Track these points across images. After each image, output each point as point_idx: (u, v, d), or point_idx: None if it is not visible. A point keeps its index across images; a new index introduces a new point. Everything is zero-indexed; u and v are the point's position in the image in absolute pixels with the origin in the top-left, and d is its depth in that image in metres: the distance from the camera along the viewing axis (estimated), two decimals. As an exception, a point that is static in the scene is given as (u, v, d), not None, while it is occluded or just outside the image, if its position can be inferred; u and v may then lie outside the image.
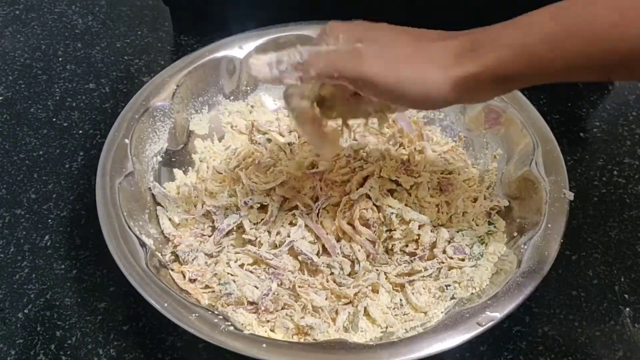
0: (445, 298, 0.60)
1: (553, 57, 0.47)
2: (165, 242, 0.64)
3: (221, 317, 0.54)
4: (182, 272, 0.61)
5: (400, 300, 0.61)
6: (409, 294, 0.60)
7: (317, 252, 0.63)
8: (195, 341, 0.54)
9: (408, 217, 0.62)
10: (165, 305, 0.53)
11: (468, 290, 0.60)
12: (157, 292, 0.54)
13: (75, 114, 0.80)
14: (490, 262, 0.62)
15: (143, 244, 0.58)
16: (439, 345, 0.51)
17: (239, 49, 0.75)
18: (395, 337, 0.54)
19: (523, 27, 0.48)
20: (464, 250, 0.63)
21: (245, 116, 0.76)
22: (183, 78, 0.72)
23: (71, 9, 0.94)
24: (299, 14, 0.77)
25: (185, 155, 0.72)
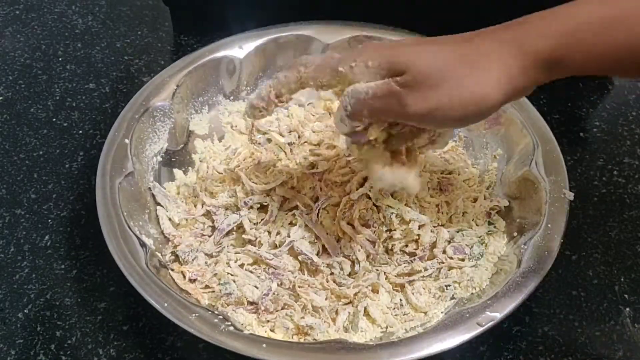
0: (445, 298, 0.60)
1: (603, 45, 0.46)
2: (165, 242, 0.64)
3: (221, 317, 0.54)
4: (182, 272, 0.61)
5: (400, 300, 0.61)
6: (409, 294, 0.60)
7: (317, 252, 0.63)
8: (195, 341, 0.54)
9: (408, 217, 0.62)
10: (165, 305, 0.53)
11: (468, 290, 0.60)
12: (157, 292, 0.54)
13: (75, 114, 0.80)
14: (490, 262, 0.62)
15: (143, 244, 0.58)
16: (439, 345, 0.52)
17: (239, 49, 0.75)
18: (395, 337, 0.54)
19: (566, 14, 0.47)
20: (464, 250, 0.63)
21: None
22: (183, 78, 0.72)
23: (71, 9, 0.94)
24: (299, 14, 0.77)
25: (185, 155, 0.72)
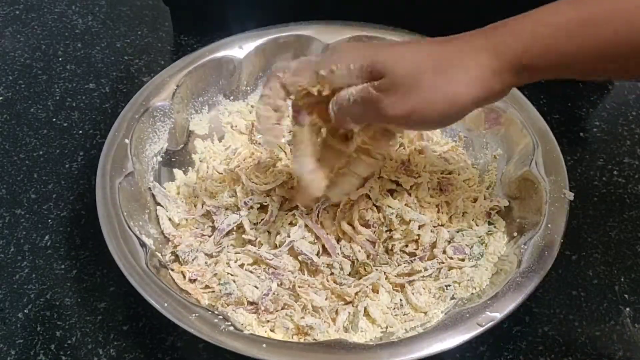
0: (445, 298, 0.59)
1: (576, 48, 0.47)
2: (165, 242, 0.64)
3: (221, 317, 0.54)
4: (182, 272, 0.61)
5: (400, 300, 0.61)
6: (409, 294, 0.60)
7: (317, 252, 0.63)
8: (195, 341, 0.54)
9: (408, 217, 0.62)
10: (165, 305, 0.53)
11: (468, 290, 0.60)
12: (157, 292, 0.54)
13: (75, 114, 0.80)
14: (490, 262, 0.62)
15: (143, 244, 0.58)
16: (439, 345, 0.51)
17: (239, 49, 0.75)
18: (395, 337, 0.54)
19: (541, 18, 0.48)
20: (464, 250, 0.63)
21: (245, 116, 0.76)
22: (183, 78, 0.72)
23: (71, 9, 0.94)
24: (299, 14, 0.77)
25: (185, 155, 0.72)
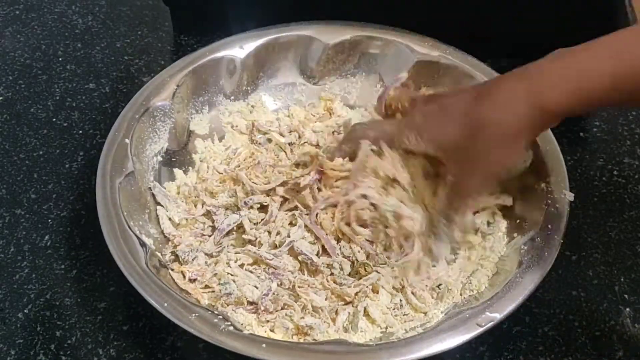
0: (445, 298, 0.59)
1: (614, 91, 0.48)
2: (165, 242, 0.64)
3: (221, 317, 0.54)
4: (182, 272, 0.60)
5: (400, 300, 0.60)
6: (408, 294, 0.60)
7: (317, 252, 0.63)
8: (195, 341, 0.54)
9: (401, 212, 0.62)
10: (165, 305, 0.53)
11: (467, 291, 0.60)
12: (157, 292, 0.54)
13: (75, 114, 0.80)
14: (490, 262, 0.62)
15: (143, 244, 0.58)
16: (438, 345, 0.51)
17: (240, 49, 0.75)
18: (395, 338, 0.54)
19: (584, 62, 0.50)
20: None
21: (246, 116, 0.76)
22: (183, 78, 0.72)
23: (71, 9, 0.94)
24: (299, 14, 0.77)
25: (185, 155, 0.72)
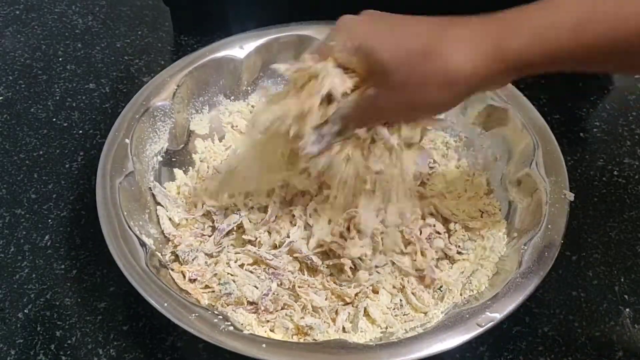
0: (445, 298, 0.59)
1: (576, 45, 0.47)
2: (166, 242, 0.64)
3: (221, 317, 0.54)
4: (182, 272, 0.61)
5: (400, 300, 0.61)
6: (408, 294, 0.60)
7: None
8: (195, 341, 0.54)
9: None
10: (165, 305, 0.53)
11: (467, 291, 0.60)
12: (157, 292, 0.54)
13: (75, 114, 0.80)
14: (490, 262, 0.62)
15: (143, 244, 0.58)
16: (438, 345, 0.51)
17: (240, 49, 0.75)
18: (395, 338, 0.54)
19: (543, 15, 0.48)
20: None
21: (246, 116, 0.76)
22: (184, 78, 0.72)
23: (71, 9, 0.94)
24: (299, 14, 0.77)
25: (185, 155, 0.72)
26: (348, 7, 0.78)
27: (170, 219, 0.65)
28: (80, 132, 0.78)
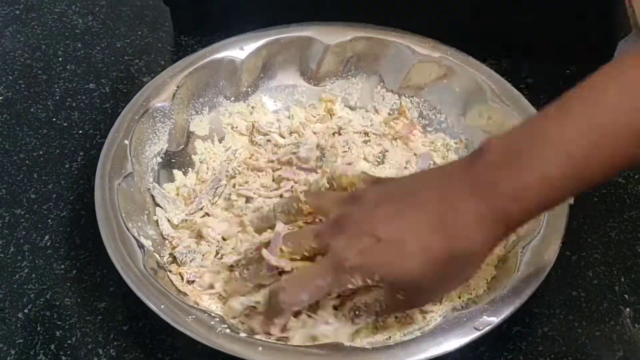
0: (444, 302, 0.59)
1: (597, 170, 0.47)
2: (164, 244, 0.64)
3: (218, 319, 0.54)
4: (180, 274, 0.61)
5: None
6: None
7: None
8: (194, 342, 0.54)
9: None
10: (162, 307, 0.53)
11: (465, 294, 0.60)
12: (154, 294, 0.54)
13: (75, 114, 0.80)
14: (489, 265, 0.61)
15: (141, 246, 0.58)
16: (435, 349, 0.51)
17: (240, 49, 0.75)
18: (392, 341, 0.54)
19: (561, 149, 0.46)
20: None
21: (246, 117, 0.76)
22: (183, 79, 0.72)
23: (71, 9, 0.94)
24: (300, 15, 0.77)
25: (185, 156, 0.72)
26: (348, 8, 0.79)
27: (169, 221, 0.65)
28: (80, 132, 0.78)
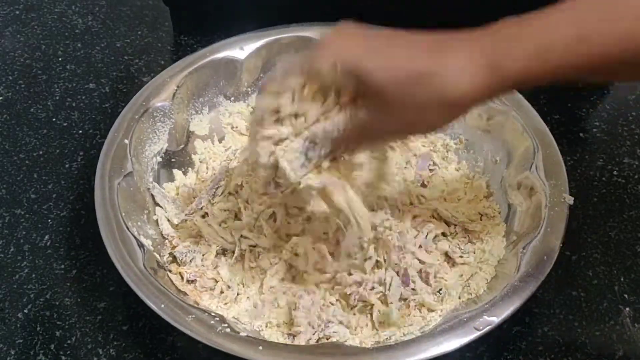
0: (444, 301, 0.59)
1: (578, 60, 0.46)
2: (164, 243, 0.64)
3: (218, 318, 0.54)
4: (180, 273, 0.61)
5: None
6: (412, 307, 0.60)
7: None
8: (194, 341, 0.54)
9: None
10: (162, 306, 0.53)
11: (466, 294, 0.60)
12: (155, 294, 0.54)
13: (75, 114, 0.80)
14: (489, 265, 0.62)
15: (141, 245, 0.58)
16: (435, 349, 0.51)
17: (240, 49, 0.75)
18: (392, 341, 0.54)
19: (547, 29, 0.46)
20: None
21: (246, 117, 0.76)
22: (183, 79, 0.72)
23: (71, 9, 0.94)
24: (300, 15, 0.77)
25: (185, 156, 0.72)
26: (349, 8, 0.79)
27: (168, 220, 0.65)
28: (80, 132, 0.78)
